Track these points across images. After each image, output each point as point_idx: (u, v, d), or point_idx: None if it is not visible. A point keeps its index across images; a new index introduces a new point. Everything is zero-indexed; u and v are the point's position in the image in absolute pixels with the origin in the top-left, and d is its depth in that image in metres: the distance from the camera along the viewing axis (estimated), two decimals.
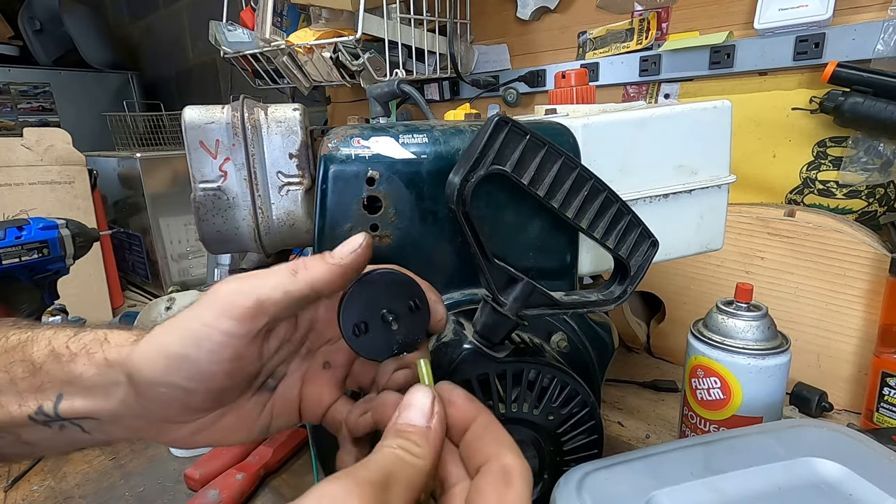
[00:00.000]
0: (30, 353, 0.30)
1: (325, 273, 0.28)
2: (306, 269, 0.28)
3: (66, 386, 0.29)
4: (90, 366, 0.29)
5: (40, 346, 0.30)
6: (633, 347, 0.86)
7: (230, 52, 1.15)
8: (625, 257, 0.39)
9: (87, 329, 0.31)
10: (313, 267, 0.28)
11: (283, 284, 0.27)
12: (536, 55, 1.02)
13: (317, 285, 0.28)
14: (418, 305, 0.31)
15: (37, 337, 0.31)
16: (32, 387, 0.29)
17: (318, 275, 0.28)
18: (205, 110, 0.45)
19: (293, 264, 0.28)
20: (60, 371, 0.29)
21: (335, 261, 0.28)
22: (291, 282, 0.28)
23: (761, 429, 0.42)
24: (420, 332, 0.31)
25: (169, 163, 1.23)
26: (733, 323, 0.51)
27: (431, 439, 0.25)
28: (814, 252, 0.66)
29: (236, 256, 0.67)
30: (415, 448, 0.25)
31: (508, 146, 0.35)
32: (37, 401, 0.29)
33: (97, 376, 0.28)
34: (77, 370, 0.29)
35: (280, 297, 0.27)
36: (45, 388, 0.29)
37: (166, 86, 2.21)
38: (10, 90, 1.90)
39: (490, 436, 0.26)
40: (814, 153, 0.74)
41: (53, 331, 0.31)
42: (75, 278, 0.89)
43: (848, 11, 0.68)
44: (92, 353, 0.29)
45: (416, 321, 0.31)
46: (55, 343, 0.30)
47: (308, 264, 0.28)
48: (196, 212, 0.46)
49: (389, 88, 0.68)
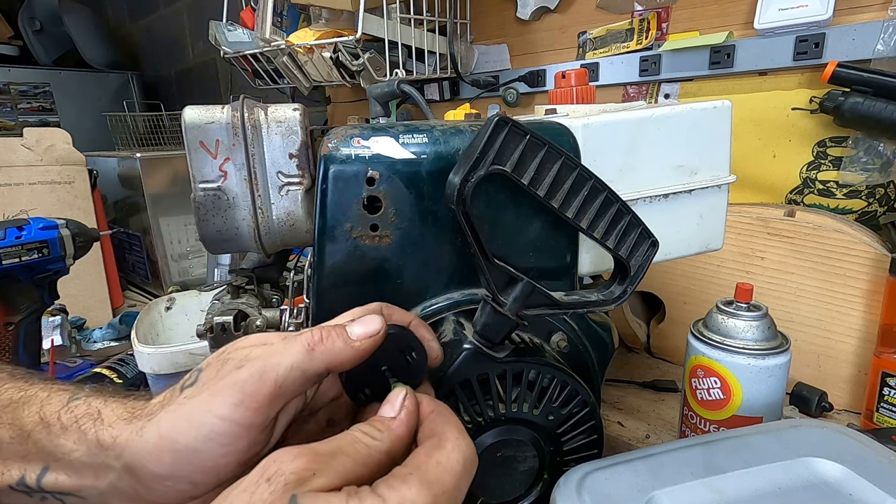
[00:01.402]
0: (20, 416, 0.28)
1: (344, 354, 0.28)
2: (324, 347, 0.27)
3: (53, 461, 0.28)
4: (80, 444, 0.27)
5: (31, 410, 0.29)
6: (633, 347, 0.86)
7: (230, 52, 1.15)
8: (625, 257, 0.39)
9: (82, 397, 0.29)
10: (332, 346, 0.28)
11: (299, 364, 0.27)
12: (536, 55, 1.02)
13: (332, 365, 0.28)
14: (415, 357, 0.31)
15: (29, 399, 0.29)
16: (18, 454, 0.28)
17: (336, 355, 0.28)
18: (205, 110, 0.45)
19: (308, 338, 0.27)
20: (49, 443, 0.27)
21: (356, 344, 0.28)
22: (308, 360, 0.27)
23: (761, 429, 0.42)
24: (420, 375, 0.32)
25: (169, 163, 1.23)
26: (733, 323, 0.51)
27: (394, 428, 0.26)
28: (814, 252, 0.66)
29: (236, 256, 0.67)
30: (374, 432, 0.26)
31: (508, 146, 0.35)
32: (20, 470, 0.28)
33: (87, 457, 0.27)
34: (66, 446, 0.27)
35: (297, 377, 0.27)
36: (30, 458, 0.28)
37: (166, 86, 2.21)
38: (10, 90, 1.90)
39: (440, 418, 0.27)
40: (814, 153, 0.74)
41: (47, 392, 0.30)
42: (75, 278, 0.89)
43: (848, 11, 0.68)
44: (84, 431, 0.27)
45: (415, 367, 0.32)
46: (46, 410, 0.28)
47: (326, 341, 0.28)
48: (196, 212, 0.46)
49: (389, 88, 0.68)
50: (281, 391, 0.26)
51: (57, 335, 0.92)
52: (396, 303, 0.34)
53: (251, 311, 0.55)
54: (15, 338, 0.76)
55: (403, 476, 0.24)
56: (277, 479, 0.22)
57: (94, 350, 1.02)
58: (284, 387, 0.26)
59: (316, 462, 0.23)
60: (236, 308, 0.54)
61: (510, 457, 0.40)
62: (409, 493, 0.23)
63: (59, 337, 0.93)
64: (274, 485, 0.22)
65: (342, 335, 0.28)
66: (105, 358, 0.86)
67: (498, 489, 0.40)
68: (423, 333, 0.32)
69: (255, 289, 0.58)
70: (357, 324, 0.29)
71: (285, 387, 0.26)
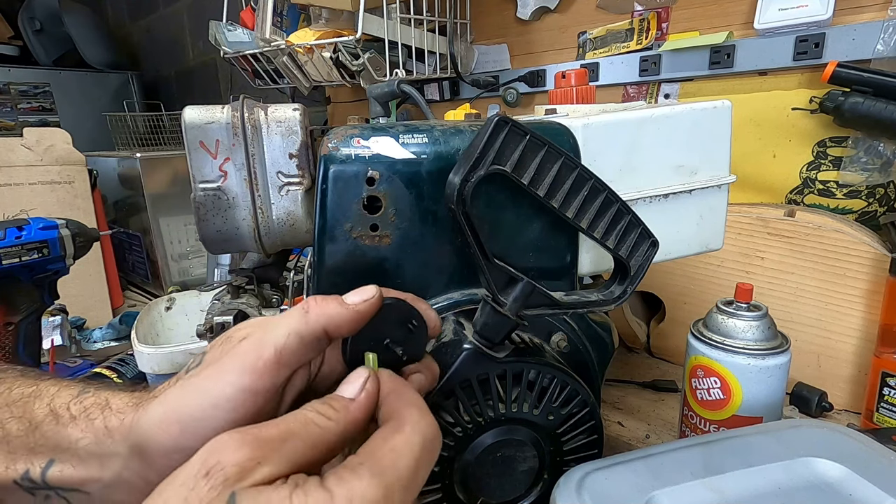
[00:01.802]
0: (31, 409, 0.29)
1: (340, 316, 0.28)
2: (319, 309, 0.27)
3: (59, 452, 0.28)
4: (87, 432, 0.27)
5: (42, 403, 0.29)
6: (633, 347, 0.86)
7: (230, 52, 1.15)
8: (625, 257, 0.39)
9: (91, 390, 0.29)
10: (327, 307, 0.27)
11: (296, 328, 0.27)
12: (536, 55, 1.02)
13: (330, 327, 0.27)
14: (416, 324, 0.32)
15: (41, 392, 0.29)
16: (25, 446, 0.28)
17: (332, 318, 0.27)
18: (205, 110, 0.45)
19: (303, 304, 0.28)
20: (56, 434, 0.28)
21: (352, 307, 0.28)
22: (304, 324, 0.27)
23: (761, 429, 0.42)
24: (421, 345, 0.32)
25: (169, 163, 1.23)
26: (733, 323, 0.51)
27: (351, 409, 0.25)
28: (814, 252, 0.66)
29: (236, 256, 0.67)
30: (330, 412, 0.25)
31: (508, 146, 0.35)
32: (26, 463, 0.28)
33: (93, 445, 0.27)
34: (73, 435, 0.27)
35: (295, 342, 0.27)
36: (37, 450, 0.28)
37: (166, 86, 2.21)
38: (10, 90, 1.90)
39: (401, 400, 0.27)
40: (814, 153, 0.74)
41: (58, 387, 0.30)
42: (75, 278, 0.89)
43: (848, 11, 0.68)
44: (91, 419, 0.27)
45: (417, 338, 0.32)
46: (57, 402, 0.29)
47: (321, 304, 0.28)
48: (196, 212, 0.46)
49: (389, 88, 0.68)
50: (283, 358, 0.26)
51: (57, 335, 0.92)
52: None
53: (251, 311, 0.55)
54: (15, 338, 0.76)
55: (354, 466, 0.23)
56: (217, 473, 0.21)
57: (94, 350, 1.02)
58: (285, 353, 0.26)
59: (261, 449, 0.22)
60: (236, 308, 0.54)
61: (510, 457, 0.40)
62: (358, 486, 0.22)
63: (59, 337, 0.93)
64: (213, 480, 0.21)
65: (337, 299, 0.28)
66: (105, 358, 0.86)
67: (498, 489, 0.40)
68: (420, 304, 0.32)
69: (255, 289, 0.58)
70: (352, 293, 0.29)
71: (286, 353, 0.26)
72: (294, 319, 0.27)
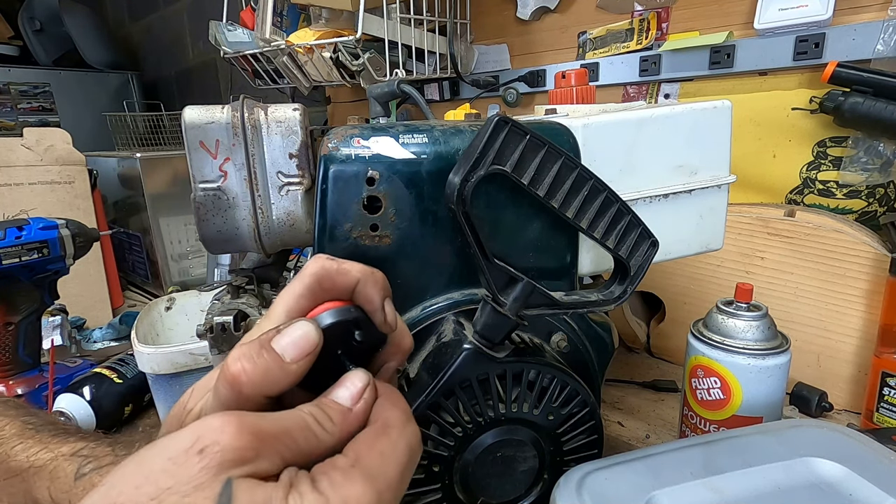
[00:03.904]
0: (33, 487, 0.28)
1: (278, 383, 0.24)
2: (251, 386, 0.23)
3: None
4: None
5: (42, 485, 0.28)
6: (633, 347, 0.86)
7: (230, 52, 1.15)
8: (625, 257, 0.39)
9: (87, 473, 0.28)
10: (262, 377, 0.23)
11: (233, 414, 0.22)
12: (536, 55, 1.02)
13: (272, 393, 0.24)
14: (360, 329, 0.28)
15: (39, 471, 0.29)
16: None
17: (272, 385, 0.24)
18: (205, 110, 0.45)
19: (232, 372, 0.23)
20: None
21: (290, 364, 0.24)
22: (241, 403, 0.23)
23: (761, 429, 0.42)
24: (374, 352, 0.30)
25: (169, 163, 1.23)
26: (733, 323, 0.51)
27: (349, 420, 0.24)
28: (814, 252, 0.66)
29: (236, 256, 0.67)
30: (327, 423, 0.24)
31: (508, 146, 0.35)
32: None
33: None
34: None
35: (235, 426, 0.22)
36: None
37: (166, 86, 2.21)
38: (10, 90, 1.90)
39: (386, 402, 0.26)
40: (814, 153, 0.74)
41: (55, 462, 0.29)
42: (75, 278, 0.89)
43: (848, 11, 0.68)
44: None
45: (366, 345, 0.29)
46: (55, 487, 0.28)
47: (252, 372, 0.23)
48: (196, 212, 0.46)
49: (389, 88, 0.68)
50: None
51: (57, 335, 0.92)
52: (396, 303, 0.33)
53: (251, 311, 0.55)
54: (15, 338, 0.76)
55: (345, 470, 0.22)
56: (213, 454, 0.19)
57: (94, 350, 1.02)
58: None
59: (259, 442, 0.21)
60: (236, 308, 0.54)
61: (510, 457, 0.40)
62: (353, 491, 0.21)
63: (59, 337, 0.93)
64: (207, 459, 0.19)
65: (272, 357, 0.24)
66: (105, 358, 0.86)
67: (498, 489, 0.40)
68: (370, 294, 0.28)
69: (255, 289, 0.58)
70: (286, 336, 0.24)
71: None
72: (226, 399, 0.23)
